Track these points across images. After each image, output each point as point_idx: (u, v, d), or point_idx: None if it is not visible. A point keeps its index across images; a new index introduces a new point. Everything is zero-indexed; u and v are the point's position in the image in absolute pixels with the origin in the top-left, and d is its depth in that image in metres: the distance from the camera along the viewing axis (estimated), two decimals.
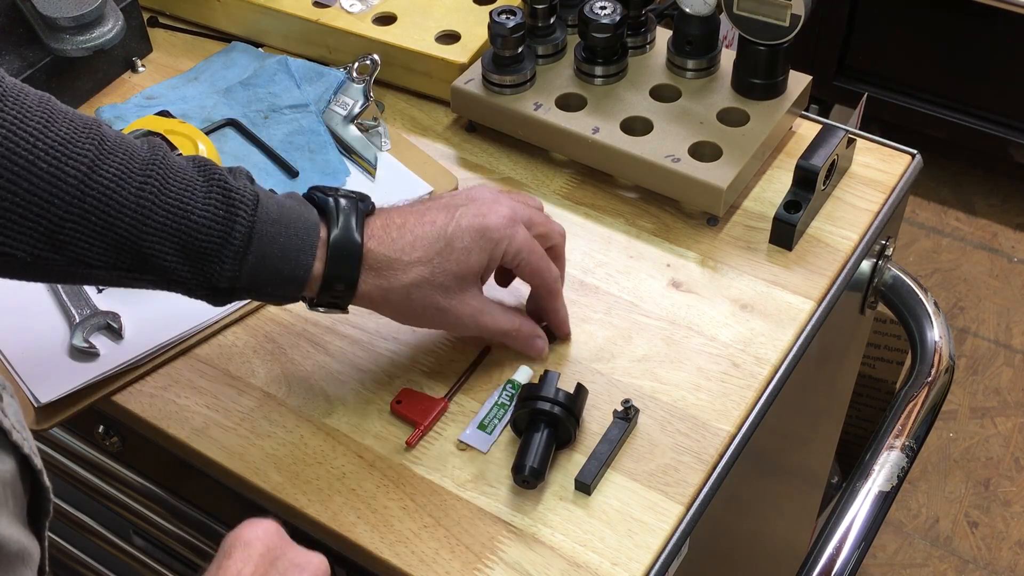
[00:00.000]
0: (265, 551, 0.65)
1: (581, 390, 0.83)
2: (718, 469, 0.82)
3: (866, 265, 1.01)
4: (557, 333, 0.90)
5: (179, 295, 0.79)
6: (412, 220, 0.81)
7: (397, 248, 0.80)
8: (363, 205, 0.81)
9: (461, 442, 0.84)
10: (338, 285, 0.79)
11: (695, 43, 1.03)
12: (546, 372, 0.83)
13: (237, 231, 0.75)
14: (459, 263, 0.81)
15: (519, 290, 0.92)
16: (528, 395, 0.82)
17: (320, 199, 0.80)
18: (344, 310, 0.82)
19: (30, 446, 0.56)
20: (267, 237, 0.76)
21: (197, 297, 0.78)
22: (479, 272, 0.82)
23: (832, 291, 0.94)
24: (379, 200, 1.02)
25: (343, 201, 0.80)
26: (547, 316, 0.89)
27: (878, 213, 1.00)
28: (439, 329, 0.88)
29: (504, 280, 0.92)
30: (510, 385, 0.87)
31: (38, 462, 0.57)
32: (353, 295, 0.80)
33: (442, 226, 0.81)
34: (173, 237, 0.75)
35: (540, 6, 1.04)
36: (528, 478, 0.80)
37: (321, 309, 0.82)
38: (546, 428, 0.81)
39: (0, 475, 0.54)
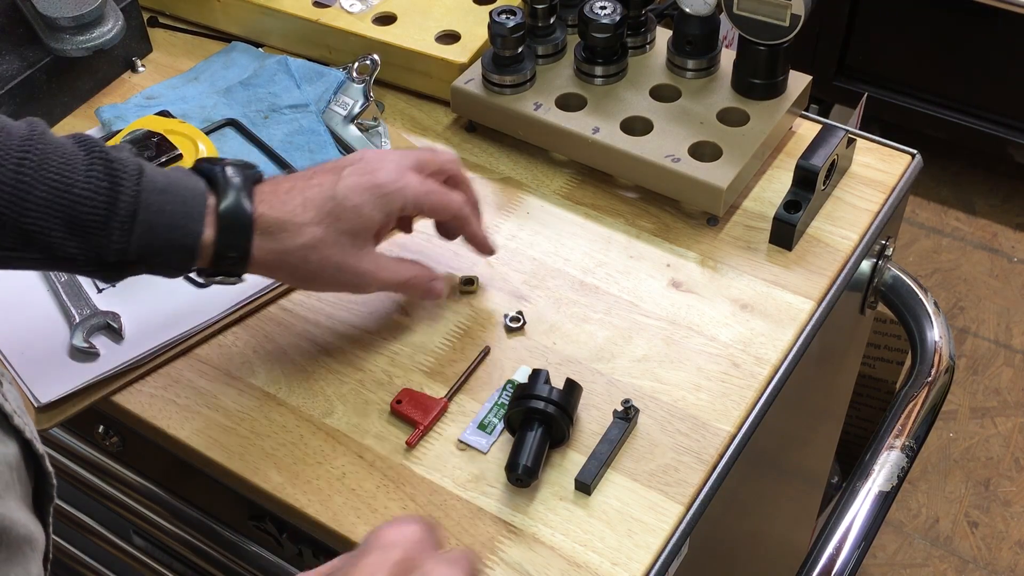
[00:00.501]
0: (402, 558, 0.62)
1: (573, 387, 0.83)
2: (718, 469, 0.82)
3: (866, 265, 1.01)
4: (483, 253, 0.92)
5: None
6: (300, 184, 0.82)
7: (288, 211, 0.80)
8: (251, 172, 0.81)
9: (461, 442, 0.84)
10: (231, 252, 0.79)
11: (695, 43, 1.03)
12: (535, 371, 0.83)
13: (122, 202, 0.74)
14: (352, 221, 0.81)
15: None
16: (520, 394, 0.82)
17: (206, 169, 0.80)
18: (239, 278, 0.82)
19: (31, 431, 0.56)
20: (154, 206, 0.76)
21: (87, 274, 0.78)
22: (373, 229, 0.83)
23: (832, 291, 0.94)
24: None
25: (229, 169, 0.80)
26: (469, 242, 0.90)
27: (878, 213, 1.00)
28: (340, 290, 0.88)
29: (449, 233, 0.92)
30: (510, 385, 0.87)
31: (40, 447, 0.57)
32: (247, 262, 0.80)
33: (329, 186, 0.81)
34: (56, 212, 0.74)
35: (540, 6, 1.04)
36: (521, 476, 0.80)
37: (217, 279, 0.81)
38: (539, 427, 0.81)
39: (5, 458, 0.54)
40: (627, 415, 0.84)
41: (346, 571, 0.62)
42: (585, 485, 0.81)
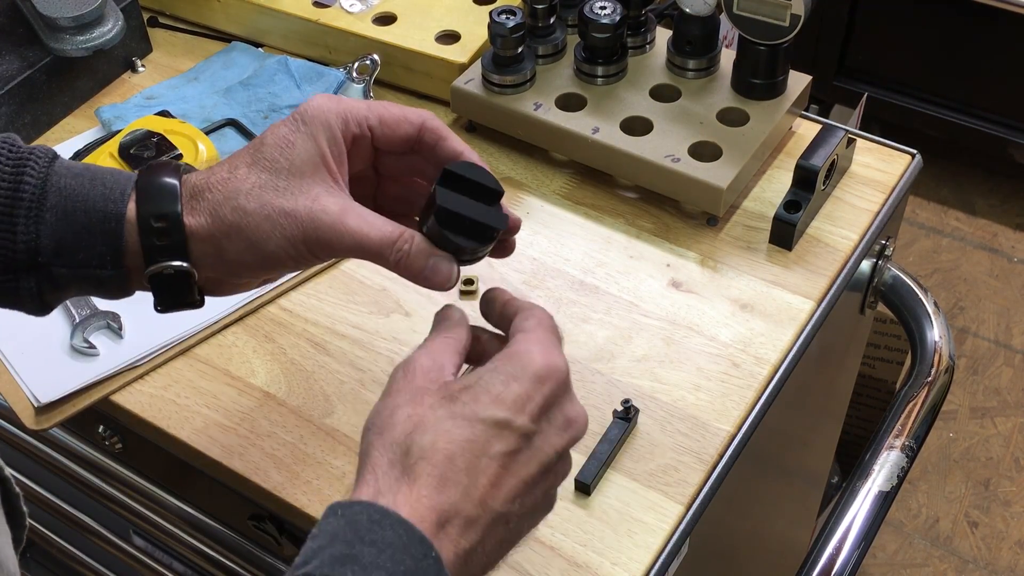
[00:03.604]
0: (551, 394, 0.60)
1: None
2: (718, 469, 0.82)
3: (866, 265, 1.01)
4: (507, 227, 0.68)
5: None
6: (228, 159, 0.71)
7: (214, 168, 0.70)
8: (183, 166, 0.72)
9: None
10: (158, 223, 0.67)
11: (695, 43, 1.03)
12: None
13: (27, 184, 0.66)
14: (283, 153, 0.68)
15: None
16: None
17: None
18: (192, 279, 0.68)
19: (8, 470, 0.56)
20: (68, 190, 0.67)
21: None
22: (317, 159, 0.68)
23: (832, 291, 0.94)
24: None
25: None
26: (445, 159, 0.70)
27: (878, 213, 1.00)
28: (301, 254, 0.68)
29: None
30: None
31: (16, 487, 0.56)
32: (183, 236, 0.67)
33: (257, 138, 0.71)
34: None
35: (540, 6, 1.04)
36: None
37: (170, 298, 0.69)
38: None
39: None
40: (627, 415, 0.84)
41: (491, 388, 0.60)
42: (585, 485, 0.81)
